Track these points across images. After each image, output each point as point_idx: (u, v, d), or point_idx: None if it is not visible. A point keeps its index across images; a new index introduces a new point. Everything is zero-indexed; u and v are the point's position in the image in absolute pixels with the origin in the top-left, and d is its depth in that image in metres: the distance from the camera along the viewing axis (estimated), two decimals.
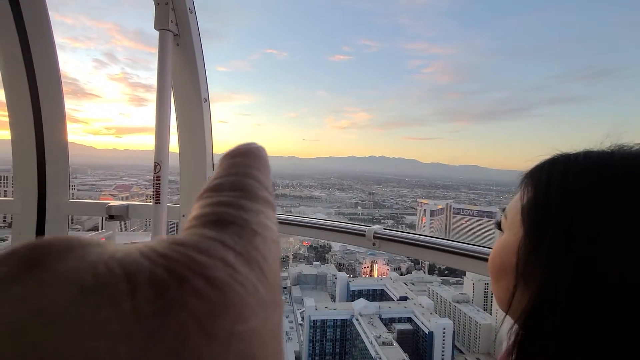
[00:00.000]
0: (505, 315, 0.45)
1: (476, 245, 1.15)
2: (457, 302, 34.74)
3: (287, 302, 36.77)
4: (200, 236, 0.13)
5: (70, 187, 1.96)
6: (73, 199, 1.95)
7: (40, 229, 1.83)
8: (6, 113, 1.82)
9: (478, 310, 33.41)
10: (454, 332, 32.07)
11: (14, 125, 1.82)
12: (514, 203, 0.47)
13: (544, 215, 0.41)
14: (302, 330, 33.04)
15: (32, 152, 1.83)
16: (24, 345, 0.09)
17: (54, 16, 1.75)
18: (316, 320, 32.68)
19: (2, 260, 0.11)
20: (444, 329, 31.21)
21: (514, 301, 0.42)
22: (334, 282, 38.79)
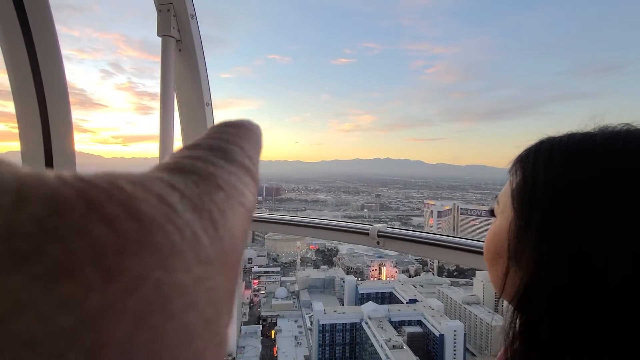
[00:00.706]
0: (499, 299, 0.46)
1: (484, 241, 1.13)
2: (468, 303, 34.29)
3: (295, 307, 36.65)
4: (146, 175, 0.11)
5: None
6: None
7: None
8: (16, 125, 1.87)
9: (489, 312, 32.91)
10: (465, 334, 31.64)
11: (23, 136, 1.85)
12: (505, 189, 0.47)
13: (531, 196, 0.41)
14: (311, 334, 32.87)
15: (40, 163, 1.86)
16: None
17: (61, 29, 1.79)
18: (325, 324, 32.50)
19: None
20: (455, 331, 30.80)
21: (507, 284, 0.43)
22: (342, 286, 38.60)
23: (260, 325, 33.33)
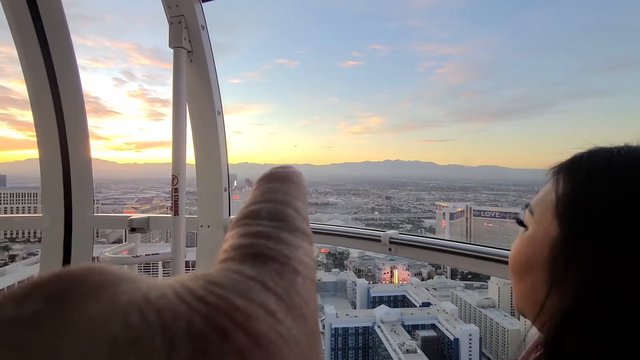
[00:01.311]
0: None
1: (500, 248, 1.11)
2: (483, 307, 33.58)
3: None
4: (238, 274, 0.12)
5: (95, 201, 2.04)
6: (97, 213, 2.02)
7: (67, 244, 1.91)
8: (34, 133, 1.93)
9: (505, 316, 32.17)
10: (480, 338, 30.98)
11: (41, 144, 1.91)
12: (543, 197, 0.44)
13: (585, 210, 0.37)
14: (324, 338, 32.72)
15: (58, 170, 1.91)
16: None
17: (76, 39, 1.84)
18: (337, 328, 32.32)
19: (25, 294, 0.10)
20: (470, 335, 30.20)
21: (534, 297, 0.40)
22: (353, 289, 38.35)
23: None
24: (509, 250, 0.47)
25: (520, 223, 0.48)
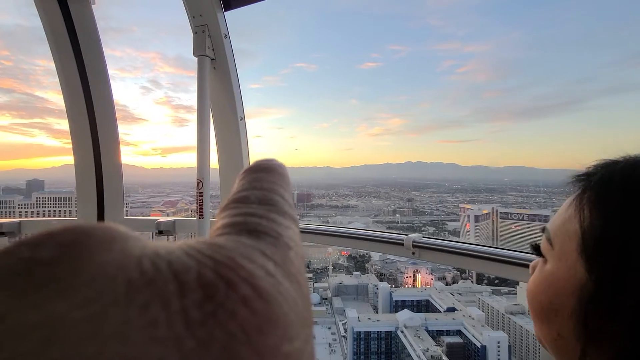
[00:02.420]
0: None
1: (529, 252, 1.07)
2: (512, 313, 32.23)
3: (329, 313, 36.46)
4: (238, 242, 0.13)
5: (124, 205, 2.14)
6: (127, 216, 2.11)
7: None
8: (69, 141, 2.05)
9: None
10: (509, 346, 29.73)
11: (76, 151, 2.03)
12: (563, 223, 0.35)
13: (623, 252, 0.29)
14: (345, 342, 32.47)
15: (91, 175, 2.02)
16: (62, 344, 0.08)
17: (105, 51, 1.94)
18: (359, 332, 32.00)
19: (39, 242, 0.10)
20: (499, 342, 29.05)
21: (569, 354, 0.34)
22: (375, 293, 37.88)
23: None
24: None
25: (537, 251, 0.40)
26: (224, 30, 1.61)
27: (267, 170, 0.17)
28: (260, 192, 0.16)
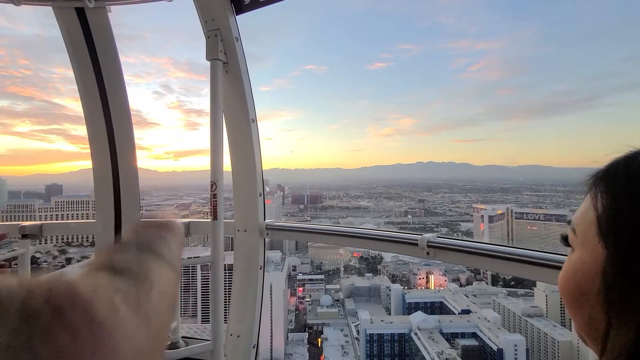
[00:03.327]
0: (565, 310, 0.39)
1: (547, 252, 1.04)
2: (529, 315, 31.44)
3: (341, 315, 36.32)
4: (90, 277, 0.13)
5: (140, 208, 2.18)
6: (143, 219, 2.16)
7: None
8: (85, 146, 2.11)
9: (555, 326, 29.88)
10: (527, 349, 28.99)
11: (94, 156, 2.08)
12: (583, 213, 0.39)
13: (631, 227, 0.33)
14: (358, 344, 32.27)
15: (109, 179, 2.07)
16: None
17: (120, 57, 1.99)
18: (372, 333, 31.74)
19: None
20: (516, 345, 28.35)
21: (599, 332, 0.36)
22: (387, 294, 37.55)
23: (307, 333, 33.47)
24: (558, 254, 0.44)
25: (565, 241, 0.43)
26: (236, 34, 1.63)
27: (159, 226, 0.17)
28: (145, 240, 0.16)
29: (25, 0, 1.60)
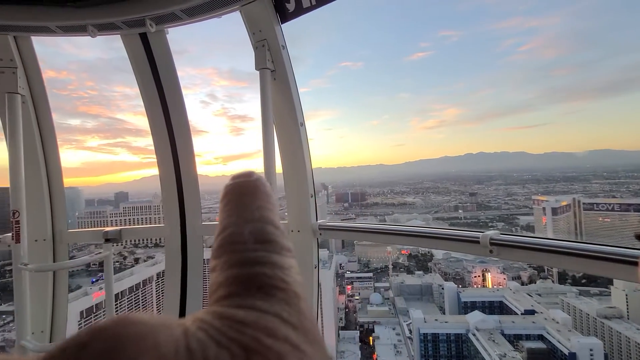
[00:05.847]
0: None
1: (625, 247, 0.94)
2: (606, 317, 28.19)
3: (392, 314, 35.66)
4: (254, 310, 0.12)
5: (201, 211, 2.35)
6: (204, 221, 2.33)
7: (184, 248, 2.24)
8: (146, 156, 2.33)
9: (638, 329, 26.47)
10: (605, 354, 26.06)
11: (160, 164, 2.30)
12: None
13: None
14: (411, 343, 31.45)
15: (173, 186, 2.27)
16: None
17: None
18: (426, 333, 30.73)
19: (76, 354, 0.10)
20: (591, 350, 25.62)
21: None
22: (440, 293, 36.04)
23: (358, 331, 33.39)
24: (638, 249, 0.39)
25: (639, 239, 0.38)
26: (282, 42, 1.70)
27: (252, 193, 0.16)
28: (252, 226, 0.15)
29: (100, 31, 1.81)
